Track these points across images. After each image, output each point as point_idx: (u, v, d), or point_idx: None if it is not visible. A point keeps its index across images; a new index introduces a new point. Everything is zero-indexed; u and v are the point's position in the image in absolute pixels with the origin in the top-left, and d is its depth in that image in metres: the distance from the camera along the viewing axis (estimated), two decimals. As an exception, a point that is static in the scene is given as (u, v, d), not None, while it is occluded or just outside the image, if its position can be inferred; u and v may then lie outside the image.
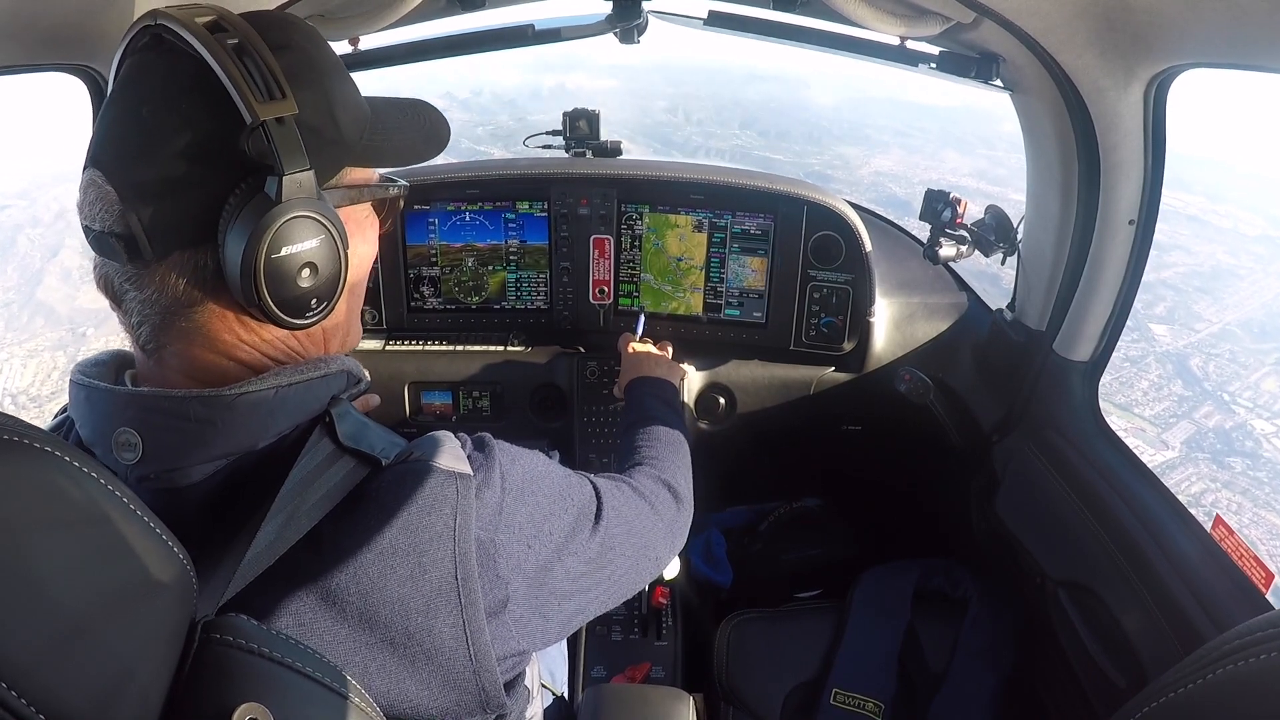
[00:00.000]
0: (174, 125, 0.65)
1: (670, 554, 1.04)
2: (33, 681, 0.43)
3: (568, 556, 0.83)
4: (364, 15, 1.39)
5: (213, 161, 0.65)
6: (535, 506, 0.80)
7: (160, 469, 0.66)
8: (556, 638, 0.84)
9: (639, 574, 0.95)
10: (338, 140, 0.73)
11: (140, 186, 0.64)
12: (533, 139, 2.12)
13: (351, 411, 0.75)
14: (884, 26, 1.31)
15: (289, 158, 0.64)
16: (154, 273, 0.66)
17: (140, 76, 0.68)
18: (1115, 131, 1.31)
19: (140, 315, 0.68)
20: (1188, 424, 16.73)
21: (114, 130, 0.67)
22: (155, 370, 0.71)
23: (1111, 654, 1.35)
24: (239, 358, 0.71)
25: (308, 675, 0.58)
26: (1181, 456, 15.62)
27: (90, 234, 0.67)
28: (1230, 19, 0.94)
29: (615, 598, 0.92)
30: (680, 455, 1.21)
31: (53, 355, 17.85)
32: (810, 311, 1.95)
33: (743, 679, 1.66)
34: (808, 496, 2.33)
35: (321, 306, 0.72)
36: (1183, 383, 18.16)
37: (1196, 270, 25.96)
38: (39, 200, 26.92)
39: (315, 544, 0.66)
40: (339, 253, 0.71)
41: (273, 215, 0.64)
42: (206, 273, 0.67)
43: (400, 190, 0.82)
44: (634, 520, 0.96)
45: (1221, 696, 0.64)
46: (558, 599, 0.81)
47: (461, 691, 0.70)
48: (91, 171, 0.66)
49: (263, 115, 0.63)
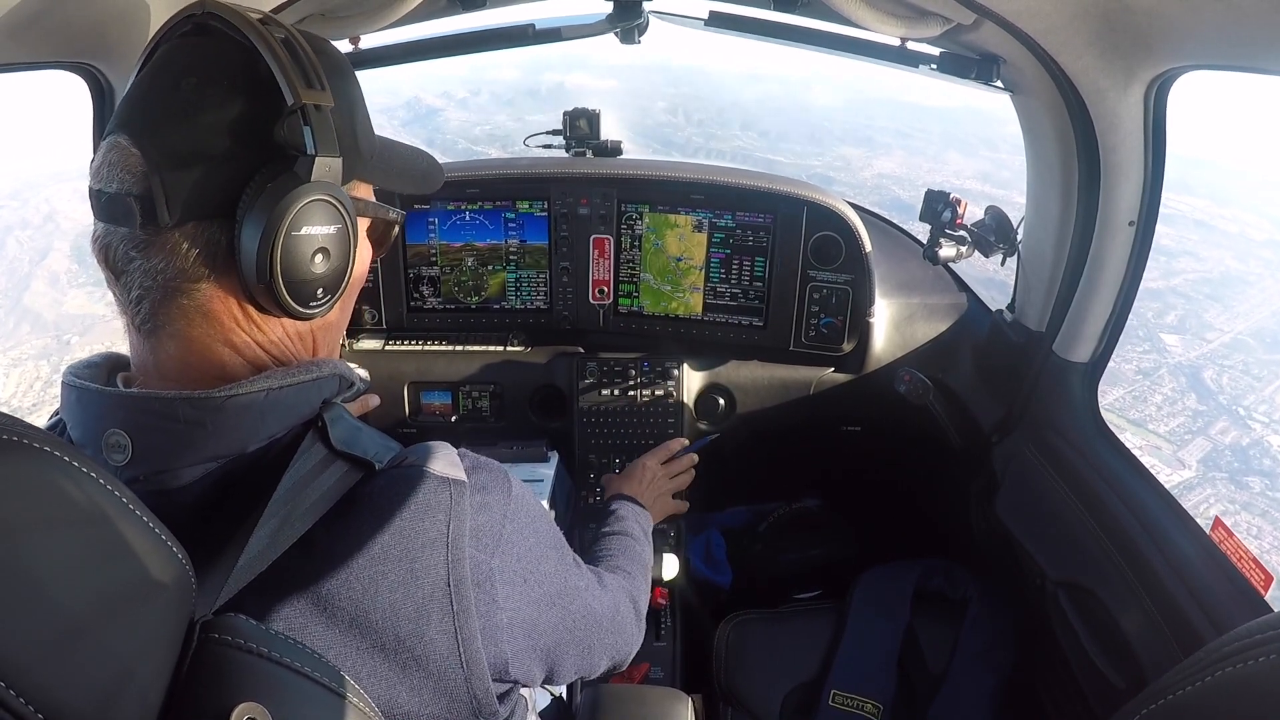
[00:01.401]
0: (214, 100, 0.66)
1: (615, 662, 1.04)
2: (32, 681, 0.43)
3: (554, 610, 0.84)
4: (364, 15, 1.39)
5: (246, 139, 0.67)
6: (534, 545, 0.81)
7: (149, 471, 0.66)
8: (536, 681, 0.84)
9: (593, 658, 0.95)
10: (354, 149, 0.74)
11: (170, 150, 0.65)
12: (533, 139, 2.12)
13: (345, 415, 0.75)
14: (884, 28, 1.31)
15: (323, 142, 0.67)
16: (165, 240, 0.66)
17: (183, 56, 0.69)
18: (1115, 133, 1.31)
19: (141, 288, 0.68)
20: (1203, 440, 16.45)
21: (149, 99, 0.68)
22: (149, 356, 0.71)
23: (1111, 655, 1.35)
24: (234, 344, 0.71)
25: (306, 675, 0.58)
26: (1199, 476, 15.32)
27: (103, 197, 0.67)
28: (1230, 21, 0.94)
29: (581, 669, 0.93)
30: (647, 580, 1.23)
31: (36, 365, 17.59)
32: (810, 312, 1.95)
33: (742, 679, 1.66)
34: (807, 497, 2.34)
35: (325, 298, 0.73)
36: (1196, 396, 17.86)
37: (1206, 277, 25.68)
38: (30, 201, 26.64)
39: (308, 549, 0.66)
40: (350, 246, 0.73)
41: (300, 191, 0.66)
42: (218, 248, 0.67)
43: (398, 217, 0.85)
44: (604, 609, 0.97)
45: (1221, 699, 0.64)
46: (546, 640, 0.82)
47: (453, 699, 0.70)
48: (116, 136, 0.67)
49: (305, 100, 0.65)
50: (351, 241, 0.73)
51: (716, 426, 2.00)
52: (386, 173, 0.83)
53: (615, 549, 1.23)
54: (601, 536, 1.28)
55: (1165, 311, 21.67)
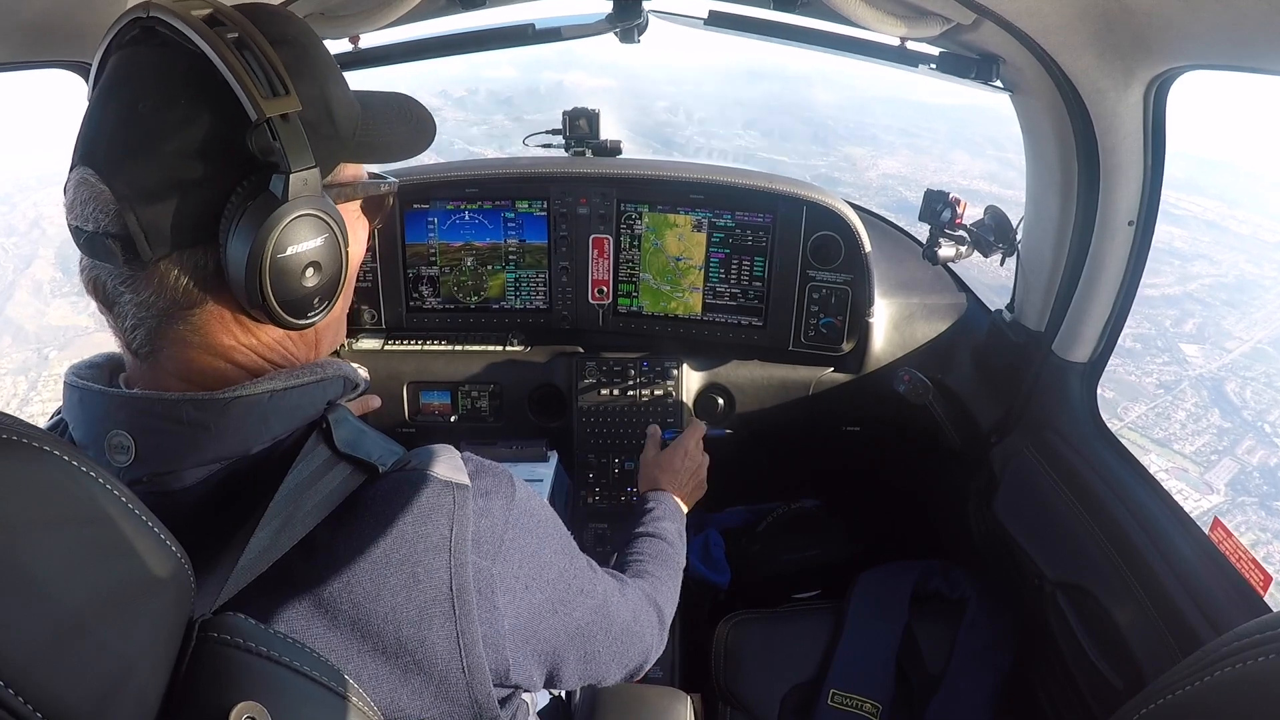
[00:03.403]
0: (174, 122, 0.63)
1: (629, 671, 1.01)
2: (31, 680, 0.43)
3: (557, 616, 0.82)
4: (364, 14, 1.39)
5: (215, 159, 0.64)
6: (537, 550, 0.79)
7: (152, 472, 0.65)
8: (538, 686, 0.83)
9: (599, 666, 0.92)
10: (334, 136, 0.72)
11: (138, 185, 0.63)
12: (532, 138, 2.12)
13: (349, 417, 0.75)
14: (884, 27, 1.31)
15: (295, 155, 0.64)
16: (151, 274, 0.65)
17: (134, 71, 0.66)
18: (1115, 133, 1.31)
19: (135, 319, 0.67)
20: (1230, 462, 15.66)
21: (107, 127, 0.65)
22: (148, 374, 0.70)
23: (1109, 655, 1.35)
24: (235, 360, 0.71)
25: (306, 675, 0.58)
26: (1229, 501, 14.54)
27: (82, 235, 0.65)
28: (1230, 21, 0.94)
29: (586, 677, 0.90)
30: (675, 585, 1.19)
31: (14, 380, 17.02)
32: (809, 312, 1.95)
33: (740, 679, 1.66)
34: (806, 497, 2.33)
35: (323, 306, 0.72)
36: (1220, 412, 17.04)
37: (1221, 281, 24.98)
38: (19, 206, 25.89)
39: (309, 551, 0.66)
40: (341, 252, 0.71)
41: (280, 214, 0.64)
42: (206, 273, 0.66)
43: (390, 187, 0.81)
44: (617, 615, 0.94)
45: (1219, 699, 0.64)
46: (547, 647, 0.81)
47: (454, 703, 0.69)
48: (82, 170, 0.64)
49: (269, 112, 0.62)
50: (341, 246, 0.71)
51: (716, 426, 2.00)
52: (373, 149, 0.78)
53: (645, 552, 1.20)
54: (634, 537, 1.25)
55: (1183, 319, 20.87)
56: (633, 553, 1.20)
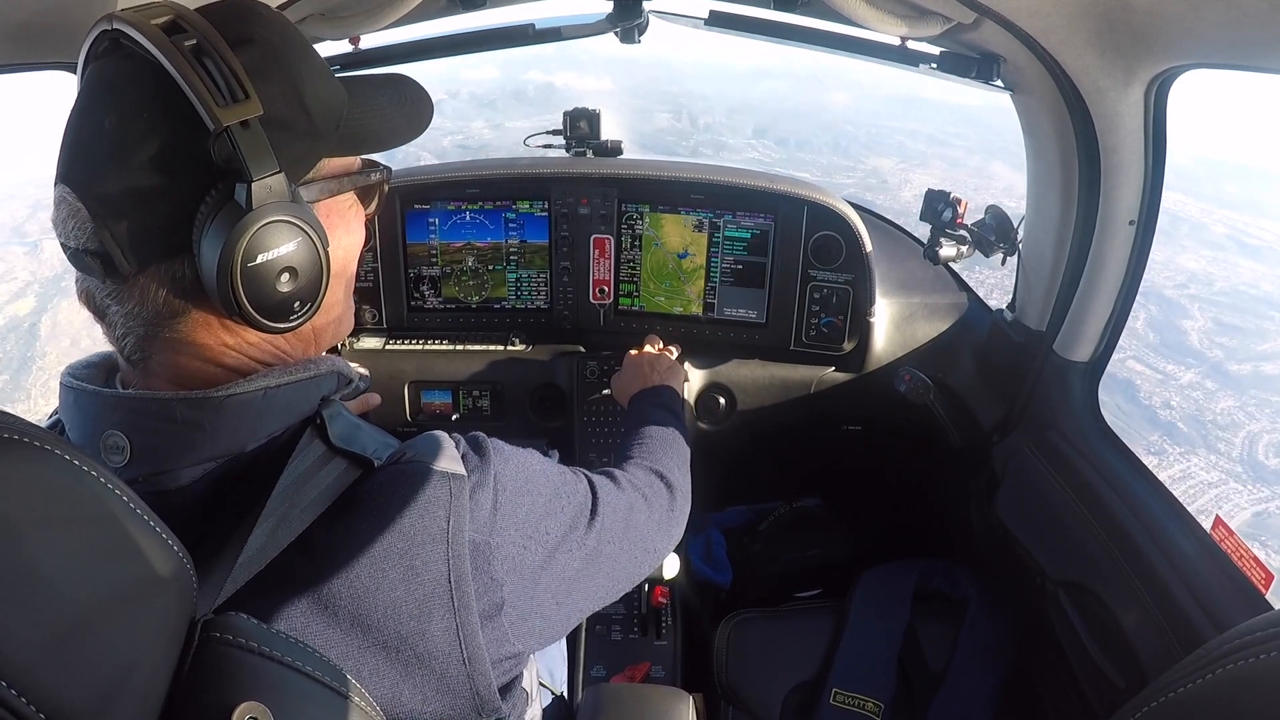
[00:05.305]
0: (138, 136, 0.63)
1: (667, 545, 1.04)
2: (33, 679, 0.43)
3: (564, 554, 0.82)
4: (364, 14, 1.39)
5: (180, 170, 0.64)
6: (531, 506, 0.79)
7: (148, 472, 0.65)
8: (555, 637, 0.83)
9: (636, 568, 0.95)
10: (311, 132, 0.70)
11: (110, 201, 0.63)
12: (533, 138, 2.12)
13: (343, 412, 0.75)
14: (885, 27, 1.31)
15: (256, 162, 0.63)
16: (133, 287, 0.66)
17: (101, 85, 0.66)
18: (1116, 132, 1.31)
19: (124, 328, 0.68)
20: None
21: (79, 143, 0.65)
22: (141, 378, 0.71)
23: (1111, 654, 1.35)
24: (226, 363, 0.71)
25: (308, 674, 0.58)
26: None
27: (67, 250, 0.66)
28: (1230, 20, 0.94)
29: (612, 593, 0.91)
30: (674, 447, 1.20)
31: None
32: (810, 311, 1.95)
33: (742, 679, 1.66)
34: (807, 496, 2.33)
35: (306, 308, 0.71)
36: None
37: None
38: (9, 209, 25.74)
39: (307, 547, 0.66)
40: (319, 253, 0.70)
41: (244, 224, 0.63)
42: (185, 282, 0.66)
43: (383, 174, 0.80)
44: (629, 514, 0.95)
45: (1221, 696, 0.64)
46: (555, 598, 0.81)
47: (455, 696, 0.69)
48: (62, 188, 0.65)
49: (225, 120, 0.60)
50: (319, 248, 0.70)
51: (717, 426, 2.00)
52: (359, 139, 0.76)
53: (634, 440, 1.21)
54: (623, 439, 1.26)
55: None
56: (623, 449, 1.22)
